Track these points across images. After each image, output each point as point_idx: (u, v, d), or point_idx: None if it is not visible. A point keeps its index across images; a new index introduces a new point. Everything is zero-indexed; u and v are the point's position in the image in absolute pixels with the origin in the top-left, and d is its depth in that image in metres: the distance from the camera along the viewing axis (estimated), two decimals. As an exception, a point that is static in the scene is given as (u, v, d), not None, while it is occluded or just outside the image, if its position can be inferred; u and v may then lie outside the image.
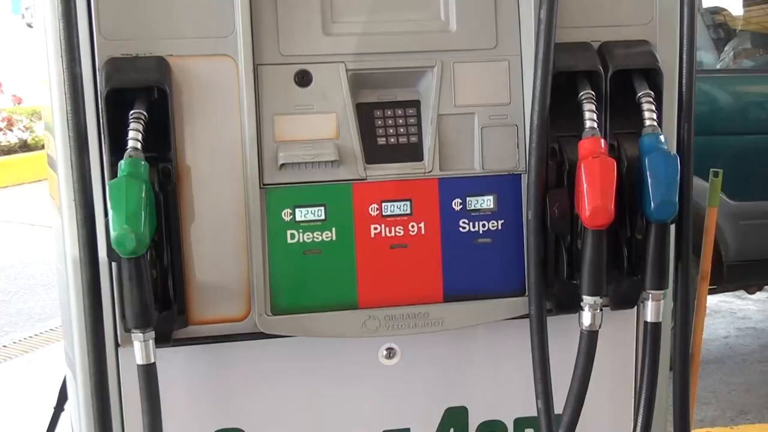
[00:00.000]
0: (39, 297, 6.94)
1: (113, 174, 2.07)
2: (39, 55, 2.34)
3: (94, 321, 2.13)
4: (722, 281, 5.05)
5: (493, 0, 2.31)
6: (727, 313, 6.56)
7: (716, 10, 5.73)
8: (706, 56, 5.39)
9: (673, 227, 2.32)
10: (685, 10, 2.33)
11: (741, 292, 6.05)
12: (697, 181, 2.44)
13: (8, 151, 10.48)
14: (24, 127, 10.64)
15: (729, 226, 4.81)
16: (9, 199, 9.87)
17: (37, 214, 8.62)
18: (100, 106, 2.11)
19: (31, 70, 3.09)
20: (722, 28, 5.50)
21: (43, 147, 9.12)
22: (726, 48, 5.37)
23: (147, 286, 2.05)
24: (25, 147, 10.56)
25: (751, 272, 5.13)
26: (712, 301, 6.48)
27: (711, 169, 2.91)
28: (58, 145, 2.18)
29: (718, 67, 5.31)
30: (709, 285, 3.13)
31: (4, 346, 6.26)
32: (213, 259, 2.22)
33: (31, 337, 6.26)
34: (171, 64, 2.16)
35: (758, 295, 6.34)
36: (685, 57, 2.34)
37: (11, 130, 10.62)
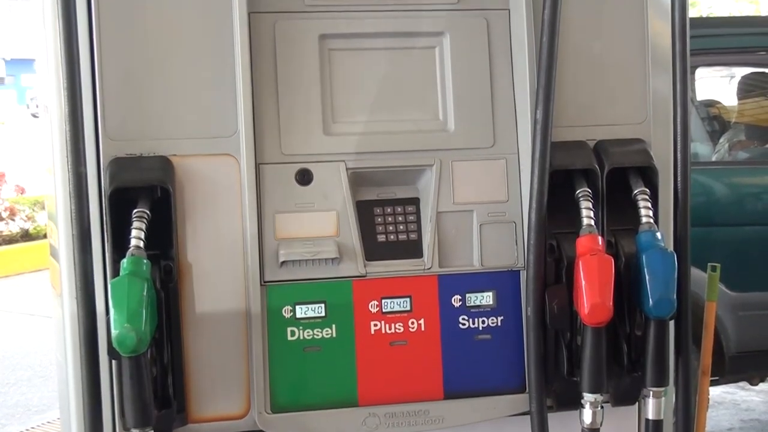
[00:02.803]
0: (37, 389, 6.87)
1: (115, 271, 2.09)
2: (44, 145, 2.38)
3: (93, 419, 2.13)
4: (724, 372, 5.01)
5: (490, 100, 2.36)
6: (731, 405, 6.48)
7: (710, 103, 5.82)
8: (701, 148, 5.46)
9: (672, 323, 2.33)
10: (678, 110, 2.39)
11: (744, 383, 6.00)
12: (695, 272, 2.45)
13: (10, 240, 10.51)
14: (26, 216, 10.70)
15: (729, 317, 4.80)
16: (9, 289, 9.86)
17: (38, 303, 8.60)
18: (104, 204, 2.14)
19: (36, 159, 3.13)
20: (717, 121, 5.58)
21: (44, 236, 9.15)
22: (721, 140, 5.45)
23: (147, 384, 2.05)
24: (26, 236, 10.59)
25: (753, 363, 5.09)
26: (715, 392, 6.41)
27: (709, 264, 2.92)
28: (60, 236, 2.21)
29: (713, 159, 5.37)
30: (711, 376, 3.12)
31: (0, 440, 6.18)
32: (213, 356, 2.23)
33: (27, 430, 6.18)
34: (174, 163, 2.20)
35: (762, 386, 6.26)
36: (679, 156, 2.39)
37: (13, 220, 10.68)
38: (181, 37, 2.22)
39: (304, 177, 2.28)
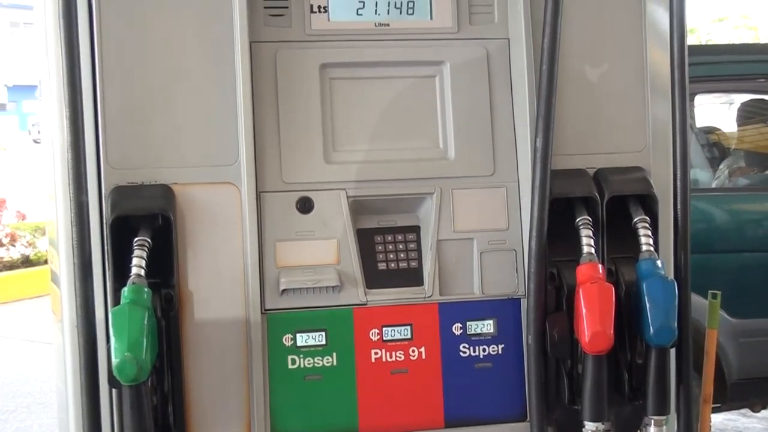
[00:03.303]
0: (37, 416, 6.84)
1: (116, 299, 2.09)
2: (45, 172, 2.39)
3: (93, 448, 2.12)
4: (726, 399, 4.99)
5: (490, 128, 2.37)
6: (733, 432, 6.45)
7: (710, 130, 5.83)
8: (701, 174, 5.46)
9: (673, 351, 2.33)
10: (678, 138, 2.40)
11: (746, 410, 5.97)
12: (696, 299, 2.45)
13: (10, 266, 10.49)
14: (27, 242, 10.68)
15: (731, 343, 4.78)
16: (9, 315, 9.84)
17: (38, 330, 8.58)
18: (105, 233, 2.14)
19: (37, 185, 3.14)
20: (716, 147, 5.59)
21: (45, 262, 9.14)
22: (721, 166, 5.45)
23: (147, 413, 2.04)
24: (27, 262, 10.57)
25: (755, 390, 5.07)
26: (717, 419, 6.38)
27: (709, 291, 2.92)
28: (62, 264, 2.21)
29: (713, 185, 5.38)
30: (713, 403, 3.10)
31: (-2, 469, 6.15)
32: (213, 384, 2.23)
33: (27, 458, 6.16)
34: (175, 191, 2.21)
35: (764, 413, 6.23)
36: (679, 184, 2.39)
37: (14, 246, 10.66)
38: (182, 66, 2.23)
39: (305, 205, 2.28)
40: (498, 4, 2.40)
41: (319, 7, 2.33)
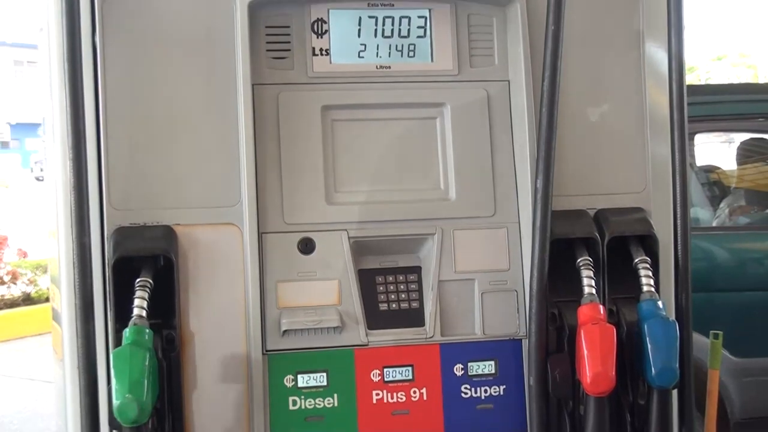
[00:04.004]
0: (35, 455, 6.81)
1: (118, 340, 2.09)
2: (48, 209, 2.39)
3: (93, 489, 2.11)
4: (729, 439, 4.97)
5: (490, 169, 2.39)
6: (737, 472, 6.39)
7: (710, 169, 5.85)
8: (702, 213, 5.47)
9: (675, 391, 2.32)
10: (678, 179, 2.41)
11: (749, 451, 5.93)
12: (698, 338, 2.45)
13: (11, 304, 10.47)
14: (28, 280, 10.67)
15: (733, 382, 4.76)
16: (10, 353, 9.80)
17: (38, 368, 8.56)
18: (107, 274, 2.15)
19: (39, 223, 3.15)
20: (717, 186, 5.60)
21: (46, 300, 9.12)
22: (721, 205, 5.46)
23: (148, 455, 2.04)
24: (28, 300, 10.55)
25: (758, 430, 5.05)
26: (721, 458, 6.32)
27: (711, 332, 2.92)
28: (63, 304, 2.21)
29: (714, 224, 5.38)
30: (717, 443, 3.09)
31: None
32: (214, 425, 2.22)
33: (25, 498, 6.11)
34: (177, 232, 2.22)
35: (767, 452, 6.19)
36: (679, 224, 2.40)
37: (15, 284, 10.64)
38: (185, 107, 2.25)
39: (307, 246, 2.29)
40: (498, 47, 2.43)
41: (321, 50, 2.35)
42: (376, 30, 2.38)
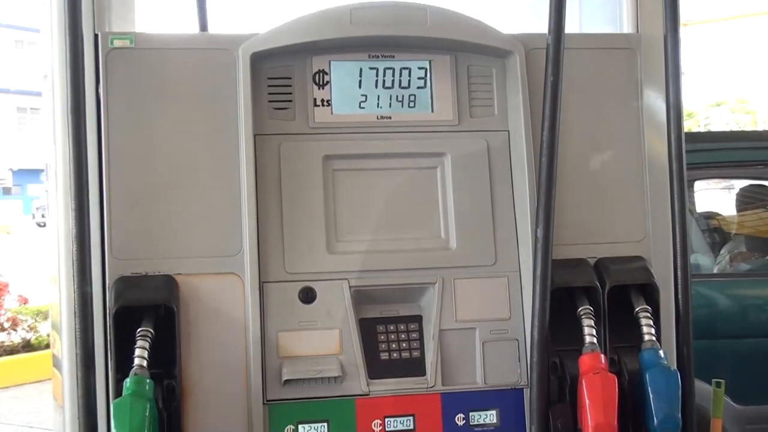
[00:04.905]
0: (33, 506, 6.75)
1: (118, 390, 2.09)
2: (50, 255, 2.40)
3: None
4: (734, 488, 4.92)
5: (491, 218, 2.40)
6: None
7: (710, 215, 5.87)
8: (702, 260, 5.48)
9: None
10: (677, 228, 2.42)
11: (755, 500, 5.87)
12: (701, 385, 2.44)
13: (11, 351, 10.43)
14: (28, 327, 10.64)
15: (736, 430, 4.74)
16: (9, 401, 9.75)
17: (36, 416, 8.51)
18: (108, 323, 2.15)
19: (40, 269, 3.15)
20: (717, 233, 5.62)
21: (47, 346, 9.09)
22: (722, 251, 5.47)
23: (148, 507, 2.02)
24: (28, 347, 10.51)
25: (762, 478, 5.01)
26: (726, 507, 6.25)
27: (713, 380, 2.91)
28: (64, 352, 2.22)
29: (715, 270, 5.39)
30: (721, 493, 3.06)
31: None
32: (215, 477, 2.21)
33: None
34: (179, 281, 2.22)
35: (771, 501, 6.13)
36: (679, 273, 2.40)
37: (15, 330, 10.61)
38: (187, 157, 2.27)
39: (308, 295, 2.30)
40: (498, 97, 2.45)
41: (322, 101, 2.38)
42: (377, 81, 2.41)
